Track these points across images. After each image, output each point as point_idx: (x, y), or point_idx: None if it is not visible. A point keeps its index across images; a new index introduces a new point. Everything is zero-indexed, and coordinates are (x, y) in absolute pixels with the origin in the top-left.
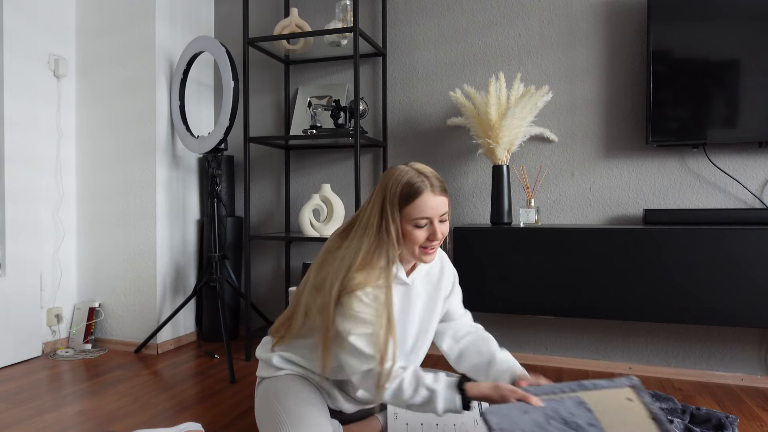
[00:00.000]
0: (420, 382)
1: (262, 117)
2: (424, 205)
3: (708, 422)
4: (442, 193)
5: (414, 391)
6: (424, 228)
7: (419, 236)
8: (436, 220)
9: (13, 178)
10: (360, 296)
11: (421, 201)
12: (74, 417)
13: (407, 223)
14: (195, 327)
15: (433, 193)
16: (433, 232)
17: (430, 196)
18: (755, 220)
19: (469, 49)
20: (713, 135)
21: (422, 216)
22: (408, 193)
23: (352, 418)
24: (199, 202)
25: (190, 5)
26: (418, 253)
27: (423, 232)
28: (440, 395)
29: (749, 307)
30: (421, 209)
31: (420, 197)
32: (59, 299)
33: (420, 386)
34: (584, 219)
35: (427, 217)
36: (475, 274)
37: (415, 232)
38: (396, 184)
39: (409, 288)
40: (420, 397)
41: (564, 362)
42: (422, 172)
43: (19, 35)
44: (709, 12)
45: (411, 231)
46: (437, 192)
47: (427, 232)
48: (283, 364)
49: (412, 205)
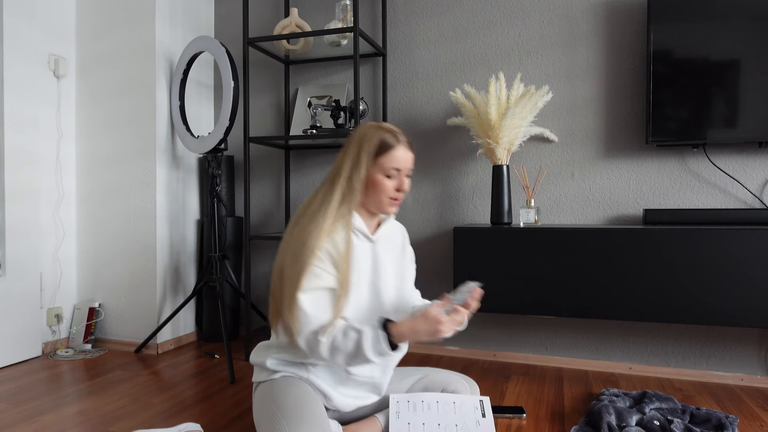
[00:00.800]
0: (349, 327)
1: (262, 117)
2: (399, 156)
3: (708, 422)
4: (411, 150)
5: (344, 335)
6: (394, 179)
7: (389, 186)
8: (404, 173)
9: (13, 178)
10: (318, 255)
11: (396, 152)
12: (74, 417)
13: (379, 172)
14: (195, 327)
15: (407, 149)
16: (401, 183)
17: (405, 150)
18: (755, 220)
19: (469, 49)
20: (713, 135)
21: (395, 166)
22: (385, 143)
23: (351, 418)
24: (199, 202)
25: (190, 5)
26: (386, 204)
27: (393, 183)
28: (366, 335)
29: (749, 307)
30: (396, 160)
31: (395, 149)
32: (59, 299)
33: (349, 330)
34: (584, 219)
35: (399, 168)
36: (475, 274)
37: (386, 181)
38: (373, 136)
39: (374, 245)
40: (350, 341)
41: (564, 362)
42: (394, 129)
43: (19, 35)
44: (709, 12)
45: (382, 180)
46: (408, 148)
47: (396, 183)
48: (278, 366)
49: (387, 155)
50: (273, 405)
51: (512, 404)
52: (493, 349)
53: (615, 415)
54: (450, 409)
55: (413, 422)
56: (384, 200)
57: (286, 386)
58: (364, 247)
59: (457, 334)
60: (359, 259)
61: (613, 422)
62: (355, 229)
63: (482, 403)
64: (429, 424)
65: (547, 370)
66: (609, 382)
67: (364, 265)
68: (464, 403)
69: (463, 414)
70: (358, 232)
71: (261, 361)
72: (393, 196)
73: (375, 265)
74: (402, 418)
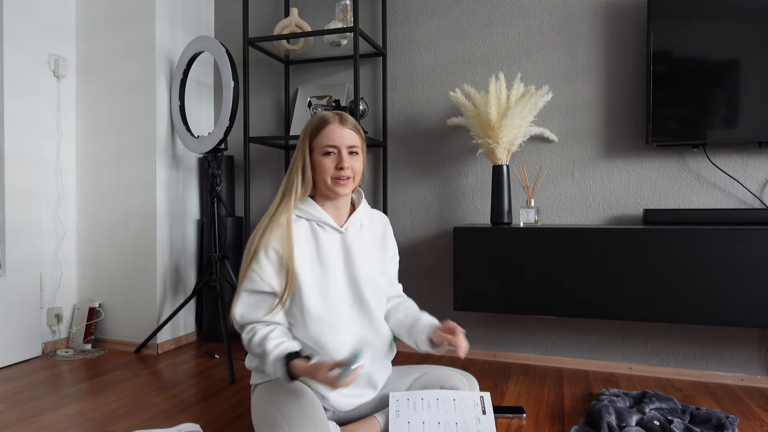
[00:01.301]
0: (266, 339)
1: (262, 117)
2: (331, 132)
3: (708, 422)
4: (350, 128)
5: (258, 344)
6: (332, 157)
7: (328, 165)
8: (344, 150)
9: (13, 178)
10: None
11: (328, 129)
12: (74, 417)
13: (318, 153)
14: (195, 327)
15: (340, 125)
16: (340, 161)
17: (338, 126)
18: (755, 220)
19: (469, 49)
20: (713, 135)
21: (329, 143)
22: (317, 124)
23: (350, 418)
24: (199, 202)
25: (190, 5)
26: (331, 184)
27: (331, 161)
28: (270, 360)
29: (749, 307)
30: (328, 137)
31: (327, 127)
32: (59, 299)
33: (265, 341)
34: (584, 219)
35: (334, 145)
36: (475, 274)
37: (324, 160)
38: (311, 121)
39: (343, 236)
40: (258, 350)
41: (564, 362)
42: (335, 113)
43: (19, 35)
44: (709, 12)
45: (320, 160)
46: (345, 125)
47: (335, 161)
48: None
49: (320, 134)
50: (271, 406)
51: (512, 404)
52: (493, 349)
53: (615, 415)
54: (450, 406)
55: (413, 421)
56: (328, 180)
57: (283, 387)
58: (332, 238)
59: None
60: (326, 252)
61: (613, 422)
62: (318, 221)
63: (482, 400)
64: (429, 422)
65: (547, 370)
66: (609, 382)
67: (335, 255)
68: (464, 399)
69: (463, 411)
70: (323, 225)
71: (256, 365)
72: (335, 176)
73: (347, 255)
74: (402, 417)
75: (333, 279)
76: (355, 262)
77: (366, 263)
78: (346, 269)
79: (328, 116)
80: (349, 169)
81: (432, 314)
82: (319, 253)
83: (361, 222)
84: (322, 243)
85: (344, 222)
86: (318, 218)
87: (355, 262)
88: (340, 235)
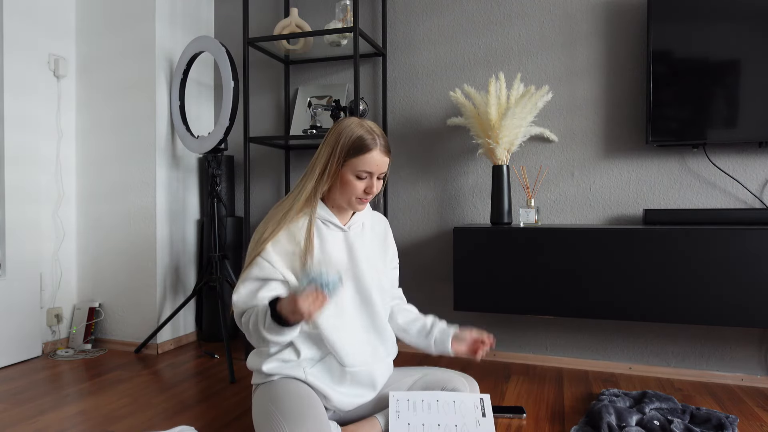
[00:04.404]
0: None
1: (262, 117)
2: (371, 160)
3: (708, 422)
4: (387, 154)
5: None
6: (364, 181)
7: (358, 187)
8: (375, 176)
9: (13, 178)
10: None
11: (369, 156)
12: (74, 417)
13: (350, 172)
14: (195, 327)
15: (380, 152)
16: (370, 186)
17: (378, 154)
18: (755, 220)
19: (469, 49)
20: (713, 135)
21: (366, 170)
22: (359, 146)
23: (350, 418)
24: (199, 202)
25: (190, 5)
26: (354, 202)
27: (362, 184)
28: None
29: (749, 307)
30: (367, 164)
31: (369, 153)
32: (59, 299)
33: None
34: (584, 219)
35: (370, 172)
36: (476, 274)
37: (356, 182)
38: (350, 135)
39: (346, 234)
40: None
41: (564, 362)
42: (374, 131)
43: (19, 35)
44: (709, 12)
45: (351, 180)
46: (384, 152)
47: (365, 185)
48: (274, 369)
49: (359, 158)
50: (272, 406)
51: (512, 404)
52: (493, 349)
53: (615, 415)
54: (450, 408)
55: (413, 422)
56: (352, 200)
57: (284, 387)
58: (335, 236)
59: None
60: (330, 248)
61: (613, 422)
62: (323, 219)
63: (482, 402)
64: (429, 424)
65: (547, 370)
66: (609, 382)
67: (338, 254)
68: (464, 401)
69: (463, 413)
70: (327, 223)
71: (257, 366)
72: (360, 197)
73: (351, 253)
74: (402, 418)
75: None
76: (359, 260)
77: (370, 262)
78: (351, 267)
79: (369, 141)
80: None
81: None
82: (323, 249)
83: (362, 222)
84: (326, 239)
85: (347, 221)
86: (323, 217)
87: (359, 260)
88: (343, 234)
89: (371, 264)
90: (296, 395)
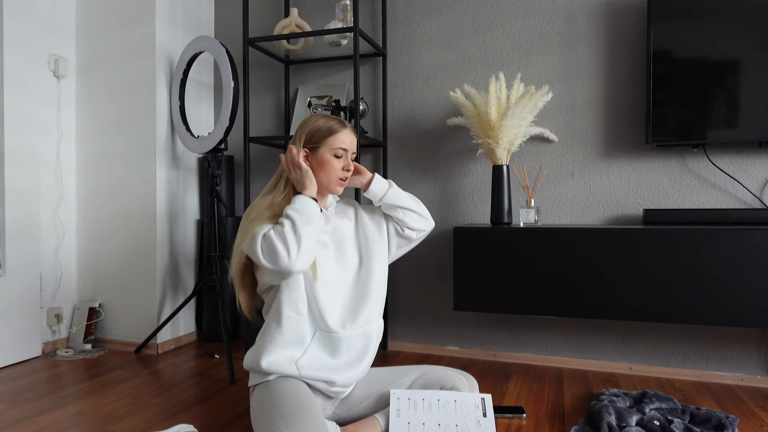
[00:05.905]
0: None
1: (262, 117)
2: (345, 137)
3: (708, 422)
4: (355, 133)
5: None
6: (342, 159)
7: (337, 165)
8: (349, 153)
9: (13, 178)
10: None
11: (342, 134)
12: (74, 417)
13: (328, 152)
14: (195, 327)
15: (350, 131)
16: (348, 164)
17: (349, 132)
18: (755, 220)
19: (469, 49)
20: (713, 135)
21: (342, 147)
22: (330, 126)
23: (350, 418)
24: (199, 202)
25: (190, 5)
26: (335, 183)
27: (340, 162)
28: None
29: (749, 307)
30: (341, 141)
31: (342, 131)
32: (59, 299)
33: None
34: (584, 219)
35: (345, 149)
36: (476, 274)
37: (334, 161)
38: (318, 121)
39: (326, 215)
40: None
41: (564, 362)
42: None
43: (19, 35)
44: (709, 12)
45: (330, 160)
46: (352, 131)
47: (343, 163)
48: (270, 368)
49: (334, 137)
50: (269, 406)
51: (512, 404)
52: (493, 349)
53: (615, 415)
54: (451, 408)
55: (413, 422)
56: (333, 179)
57: (281, 387)
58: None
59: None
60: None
61: (613, 422)
62: None
63: (483, 402)
64: (429, 423)
65: (547, 370)
66: (609, 382)
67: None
68: (465, 401)
69: (463, 413)
70: None
71: (253, 365)
72: (341, 176)
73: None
74: (402, 417)
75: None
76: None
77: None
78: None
79: (337, 122)
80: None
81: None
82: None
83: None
84: None
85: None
86: None
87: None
88: (324, 216)
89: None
90: (293, 396)
